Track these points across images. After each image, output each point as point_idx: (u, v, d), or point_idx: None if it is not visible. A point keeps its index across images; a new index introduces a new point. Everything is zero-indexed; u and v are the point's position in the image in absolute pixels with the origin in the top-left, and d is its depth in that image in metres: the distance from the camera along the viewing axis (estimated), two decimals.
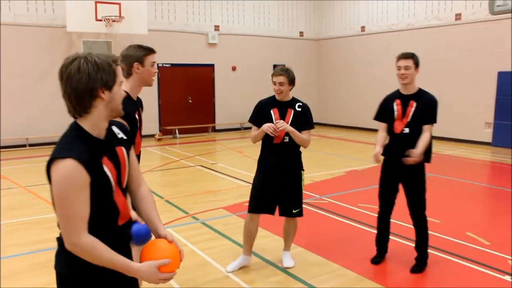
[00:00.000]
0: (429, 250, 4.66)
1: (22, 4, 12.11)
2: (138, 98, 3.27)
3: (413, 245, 4.56)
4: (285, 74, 4.18)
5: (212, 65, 15.26)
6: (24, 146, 12.25)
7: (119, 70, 1.89)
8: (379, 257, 4.60)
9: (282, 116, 4.22)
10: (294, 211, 4.32)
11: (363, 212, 6.20)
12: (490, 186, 8.19)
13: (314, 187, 7.63)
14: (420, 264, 4.43)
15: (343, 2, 16.19)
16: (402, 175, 4.29)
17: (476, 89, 12.30)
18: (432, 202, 4.62)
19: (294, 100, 4.32)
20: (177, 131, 14.49)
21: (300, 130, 4.21)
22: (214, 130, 15.62)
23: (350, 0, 15.90)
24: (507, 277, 4.20)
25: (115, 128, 2.04)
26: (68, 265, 1.87)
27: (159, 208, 6.24)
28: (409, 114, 4.22)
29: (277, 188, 4.26)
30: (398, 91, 4.39)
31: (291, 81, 4.22)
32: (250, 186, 4.40)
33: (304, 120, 4.24)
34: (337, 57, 16.63)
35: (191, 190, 7.60)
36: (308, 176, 8.37)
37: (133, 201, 2.16)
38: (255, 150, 4.58)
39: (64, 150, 1.76)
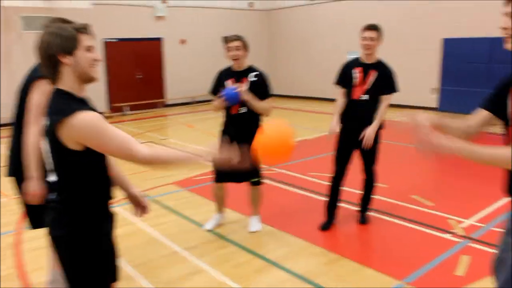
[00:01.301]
0: (376, 214, 4.82)
1: None
2: None
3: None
4: (240, 38, 4.24)
5: (160, 39, 14.86)
6: None
7: (83, 36, 1.99)
8: (328, 224, 4.69)
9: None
10: (252, 181, 4.48)
11: (312, 181, 6.28)
12: None
13: None
14: (365, 214, 4.76)
15: None
16: (358, 141, 4.38)
17: (420, 55, 12.59)
18: (380, 168, 4.74)
19: (249, 69, 4.36)
20: (127, 108, 14.14)
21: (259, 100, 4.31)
22: (165, 105, 15.34)
23: None
24: (447, 235, 4.39)
25: None
26: (68, 226, 2.00)
27: None
28: (368, 81, 4.32)
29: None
30: (357, 59, 4.44)
31: (246, 46, 4.28)
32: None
33: (260, 90, 4.32)
34: (288, 28, 16.57)
35: (140, 167, 7.44)
36: None
37: None
38: (206, 124, 4.57)
39: (75, 108, 1.89)
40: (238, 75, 4.29)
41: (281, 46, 17.05)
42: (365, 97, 4.32)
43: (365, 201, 4.74)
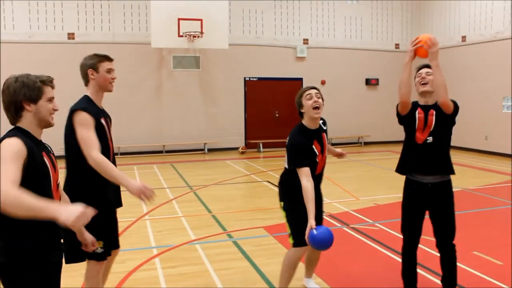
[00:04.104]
0: None
1: (119, 24, 13.07)
2: (102, 108, 3.38)
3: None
4: (317, 89, 3.76)
5: (300, 79, 15.01)
6: (116, 154, 13.07)
7: (47, 88, 2.29)
8: None
9: (321, 146, 3.74)
10: None
11: None
12: None
13: (371, 211, 6.98)
14: None
15: (442, 10, 14.94)
16: (428, 198, 3.68)
17: None
18: (498, 236, 3.86)
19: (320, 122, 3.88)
20: (261, 145, 14.46)
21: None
22: None
23: (450, 8, 14.62)
24: None
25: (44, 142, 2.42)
26: (8, 254, 2.11)
27: (201, 222, 6.16)
28: (431, 121, 3.65)
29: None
30: (417, 102, 3.82)
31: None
32: None
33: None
34: None
35: (243, 206, 7.42)
36: (371, 198, 7.75)
37: None
38: (335, 167, 4.12)
39: (10, 136, 2.16)
40: (317, 134, 3.75)
41: None
42: (430, 139, 3.63)
43: (449, 283, 3.82)
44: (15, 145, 2.09)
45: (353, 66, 15.44)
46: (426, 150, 3.64)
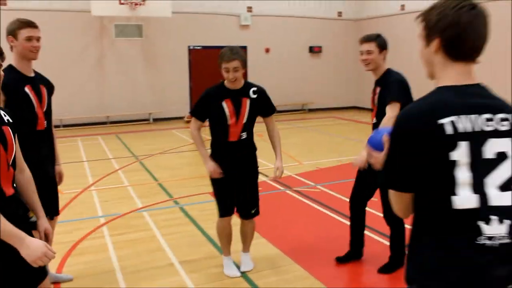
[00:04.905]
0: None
1: None
2: (39, 75, 3.34)
3: None
4: (239, 58, 3.65)
5: (245, 47, 15.00)
6: (58, 126, 12.72)
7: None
8: (347, 256, 4.13)
9: (237, 109, 3.68)
10: (252, 212, 3.96)
11: None
12: None
13: (314, 174, 7.30)
14: (391, 266, 3.95)
15: None
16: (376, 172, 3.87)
17: None
18: None
19: (247, 86, 3.80)
20: None
21: (264, 117, 3.92)
22: None
23: None
24: None
25: (1, 112, 2.15)
26: None
27: (148, 191, 6.15)
28: (375, 101, 3.83)
29: (237, 189, 3.88)
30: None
31: (244, 64, 3.76)
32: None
33: (265, 106, 3.87)
34: None
35: (189, 174, 7.53)
36: (314, 163, 8.07)
37: (17, 186, 2.20)
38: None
39: None
40: (235, 95, 3.71)
41: None
42: (375, 120, 3.81)
43: (394, 253, 3.93)
44: None
45: (297, 34, 15.61)
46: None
